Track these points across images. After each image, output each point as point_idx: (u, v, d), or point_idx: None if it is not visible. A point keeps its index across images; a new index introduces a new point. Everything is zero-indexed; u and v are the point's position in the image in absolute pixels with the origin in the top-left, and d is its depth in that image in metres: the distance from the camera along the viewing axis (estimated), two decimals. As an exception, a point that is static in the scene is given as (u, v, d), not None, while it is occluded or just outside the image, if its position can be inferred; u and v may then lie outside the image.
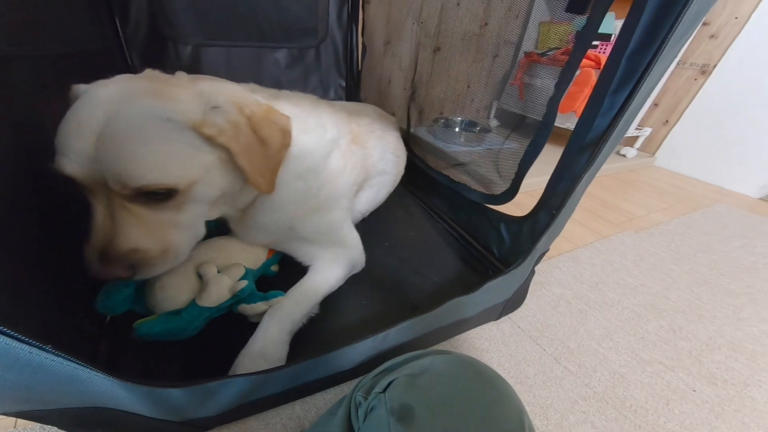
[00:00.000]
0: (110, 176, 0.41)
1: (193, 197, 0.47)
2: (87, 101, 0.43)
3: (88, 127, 0.41)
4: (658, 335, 0.80)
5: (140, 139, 0.41)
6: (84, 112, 0.42)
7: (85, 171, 0.41)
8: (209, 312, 0.57)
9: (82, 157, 0.41)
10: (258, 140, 0.50)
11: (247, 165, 0.48)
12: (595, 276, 0.97)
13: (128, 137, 0.41)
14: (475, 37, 1.19)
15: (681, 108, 1.83)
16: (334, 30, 1.46)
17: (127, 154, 0.41)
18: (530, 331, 0.78)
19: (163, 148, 0.43)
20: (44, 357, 0.27)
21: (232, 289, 0.59)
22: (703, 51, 1.71)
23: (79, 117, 0.42)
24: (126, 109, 0.42)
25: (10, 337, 0.25)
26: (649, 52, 0.41)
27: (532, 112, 0.68)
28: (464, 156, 1.05)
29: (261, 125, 0.50)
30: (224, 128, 0.46)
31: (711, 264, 1.08)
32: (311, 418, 0.56)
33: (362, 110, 0.97)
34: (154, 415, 0.41)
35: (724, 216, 1.41)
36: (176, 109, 0.44)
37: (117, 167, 0.41)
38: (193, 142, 0.45)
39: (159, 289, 0.56)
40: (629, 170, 1.87)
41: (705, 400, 0.66)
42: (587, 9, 0.48)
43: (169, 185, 0.44)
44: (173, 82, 0.48)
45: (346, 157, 0.72)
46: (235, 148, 0.47)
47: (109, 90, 0.43)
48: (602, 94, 0.48)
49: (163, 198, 0.45)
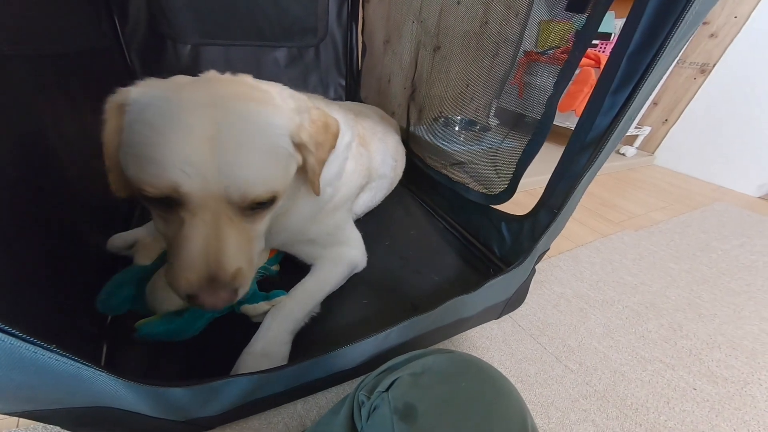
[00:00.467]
0: (233, 187, 0.38)
1: (276, 205, 0.46)
2: (182, 109, 0.38)
3: (201, 136, 0.37)
4: (659, 334, 0.80)
5: (254, 145, 0.40)
6: (189, 121, 0.37)
7: (205, 185, 0.37)
8: (211, 313, 0.57)
9: (202, 169, 0.37)
10: (318, 146, 0.50)
11: (317, 169, 0.49)
12: (595, 275, 0.98)
13: (244, 144, 0.39)
14: (474, 36, 1.18)
15: (680, 107, 1.83)
16: (334, 29, 1.46)
17: (249, 161, 0.39)
18: (531, 329, 0.78)
19: (272, 154, 0.42)
20: (48, 357, 0.27)
21: None
22: (703, 50, 1.71)
23: (185, 127, 0.37)
24: (233, 115, 0.39)
25: (15, 337, 0.25)
26: (650, 51, 0.42)
27: (531, 111, 0.68)
28: (464, 155, 1.05)
29: (320, 130, 0.51)
30: (312, 133, 0.47)
31: (710, 263, 1.08)
32: (313, 417, 0.57)
33: (364, 111, 0.98)
34: (157, 415, 0.41)
35: (723, 215, 1.42)
36: (277, 114, 0.43)
37: (240, 176, 0.38)
38: (289, 147, 0.45)
39: (160, 289, 0.56)
40: (629, 169, 1.88)
41: (705, 399, 0.66)
42: (587, 8, 0.48)
43: (275, 192, 0.43)
44: (252, 83, 0.46)
45: (357, 160, 0.74)
46: (313, 152, 0.48)
47: (200, 95, 0.39)
48: (603, 94, 0.48)
49: (263, 208, 0.43)
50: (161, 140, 0.36)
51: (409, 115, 1.23)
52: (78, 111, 0.64)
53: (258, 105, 0.42)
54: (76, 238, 0.59)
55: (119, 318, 0.59)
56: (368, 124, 0.88)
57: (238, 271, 0.41)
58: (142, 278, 0.59)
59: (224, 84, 0.43)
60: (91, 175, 0.67)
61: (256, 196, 0.40)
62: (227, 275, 0.39)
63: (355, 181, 0.75)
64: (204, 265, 0.38)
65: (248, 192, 0.40)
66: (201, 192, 0.38)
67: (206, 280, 0.38)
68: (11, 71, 0.48)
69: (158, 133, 0.37)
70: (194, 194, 0.37)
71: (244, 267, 0.42)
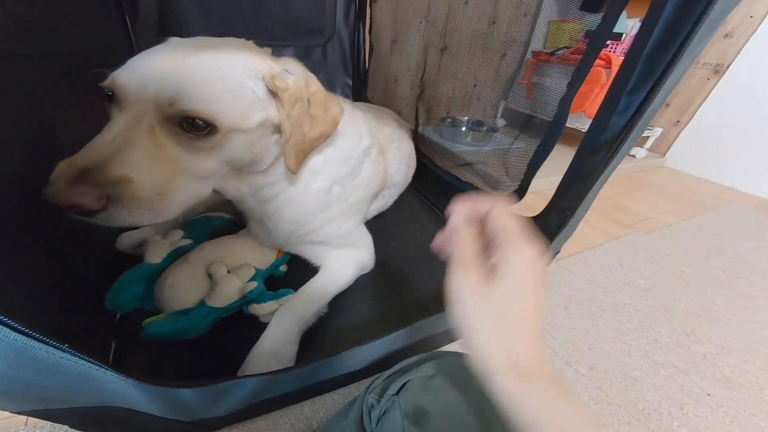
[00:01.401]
0: (165, 89, 0.38)
1: (224, 147, 0.43)
2: (177, 43, 0.44)
3: (171, 56, 0.40)
4: (671, 338, 0.79)
5: (211, 68, 0.41)
6: (173, 48, 0.42)
7: (140, 81, 0.38)
8: (217, 312, 0.57)
9: (148, 72, 0.38)
10: (308, 117, 0.50)
11: (288, 131, 0.48)
12: (606, 277, 0.96)
13: (201, 65, 0.40)
14: (482, 36, 1.17)
15: (693, 108, 1.80)
16: (341, 28, 1.46)
17: (196, 76, 0.39)
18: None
19: (229, 83, 0.42)
20: (60, 357, 0.27)
21: (242, 290, 0.59)
22: (717, 50, 1.68)
23: (165, 49, 0.42)
24: (210, 47, 0.42)
25: (29, 336, 0.25)
26: (669, 51, 0.40)
27: (540, 112, 0.67)
28: (471, 156, 1.05)
29: (317, 104, 0.51)
30: (290, 90, 0.47)
31: (724, 266, 1.06)
32: (320, 418, 0.56)
33: (383, 117, 0.97)
34: (165, 415, 0.41)
35: (736, 217, 1.39)
36: (255, 58, 0.45)
37: (178, 82, 0.38)
38: (257, 91, 0.44)
39: (169, 287, 0.56)
40: (639, 171, 1.85)
41: (720, 404, 0.65)
42: (602, 7, 0.47)
43: (214, 119, 0.40)
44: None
45: (375, 167, 0.74)
46: (288, 110, 0.47)
47: (204, 38, 0.46)
48: (618, 94, 0.47)
49: (196, 134, 0.40)
50: (145, 52, 0.41)
51: (417, 116, 1.22)
52: (88, 108, 0.64)
53: (239, 48, 0.45)
54: (85, 236, 0.59)
55: (127, 316, 0.59)
56: (388, 131, 0.89)
57: (124, 181, 0.34)
58: (150, 276, 0.59)
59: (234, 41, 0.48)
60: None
61: (186, 109, 0.38)
62: (103, 175, 0.33)
63: (371, 188, 0.76)
64: (87, 156, 0.34)
65: (178, 99, 0.38)
66: (134, 87, 0.38)
67: (76, 170, 0.33)
68: (23, 69, 0.48)
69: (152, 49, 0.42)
70: (128, 88, 0.38)
71: (146, 186, 0.36)
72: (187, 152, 0.41)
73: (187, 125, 0.39)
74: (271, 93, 0.46)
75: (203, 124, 0.40)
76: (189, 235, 0.67)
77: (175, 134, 0.39)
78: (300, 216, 0.63)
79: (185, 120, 0.39)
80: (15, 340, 0.25)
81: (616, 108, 0.48)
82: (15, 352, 0.25)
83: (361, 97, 1.53)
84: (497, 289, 0.25)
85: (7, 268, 0.38)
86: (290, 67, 0.49)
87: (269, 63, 0.47)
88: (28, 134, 0.47)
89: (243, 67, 0.44)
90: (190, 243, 0.65)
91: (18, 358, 0.26)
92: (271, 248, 0.71)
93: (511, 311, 0.25)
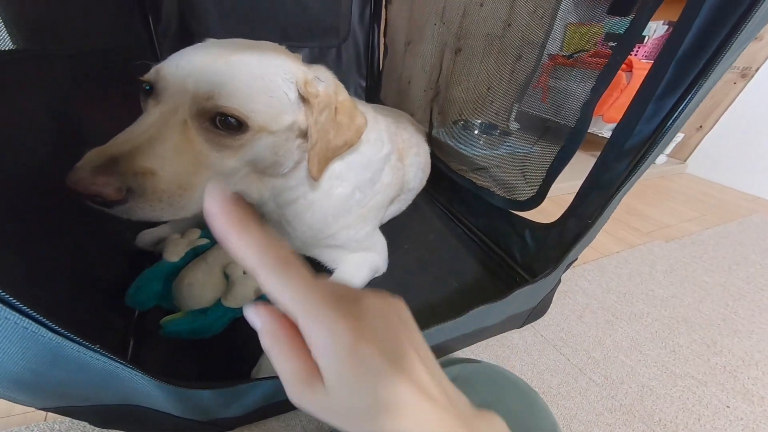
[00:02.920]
0: (204, 85, 0.39)
1: (251, 146, 0.44)
2: (218, 42, 0.46)
3: (213, 53, 0.41)
4: (690, 349, 0.76)
5: (248, 67, 0.42)
6: (215, 45, 0.44)
7: (181, 74, 0.39)
8: (233, 312, 0.58)
9: (188, 67, 0.40)
10: (334, 125, 0.51)
11: (314, 137, 0.49)
12: (623, 286, 0.94)
13: (239, 63, 0.41)
14: (497, 38, 1.16)
15: (717, 113, 1.74)
16: (356, 29, 1.46)
17: (233, 74, 0.40)
18: (554, 340, 0.75)
19: (264, 82, 0.43)
20: (90, 356, 0.28)
21: (257, 291, 0.59)
22: (746, 53, 1.62)
23: (207, 47, 0.43)
24: (248, 47, 0.44)
25: (63, 336, 0.25)
26: (702, 57, 0.39)
27: (557, 116, 0.66)
28: (485, 160, 1.03)
29: (344, 113, 0.52)
30: (320, 96, 0.48)
31: (748, 277, 1.03)
32: (332, 420, 0.56)
33: (401, 121, 0.96)
34: (183, 415, 0.41)
35: (761, 227, 1.34)
36: (289, 61, 0.47)
37: (216, 80, 0.39)
38: (289, 95, 0.46)
39: (187, 286, 0.57)
40: (659, 176, 1.80)
41: (740, 417, 0.63)
42: (632, 10, 0.46)
43: (247, 118, 0.40)
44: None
45: (394, 173, 0.75)
46: (317, 117, 0.48)
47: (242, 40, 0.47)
48: (646, 100, 0.46)
49: (227, 130, 0.41)
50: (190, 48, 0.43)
51: (431, 119, 1.22)
52: (112, 105, 0.66)
53: (277, 51, 0.47)
54: (106, 234, 0.60)
55: (145, 314, 0.60)
56: (406, 136, 0.88)
57: (147, 173, 0.34)
58: (168, 275, 0.60)
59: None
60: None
61: (222, 105, 0.39)
62: (128, 166, 0.33)
63: (390, 194, 0.76)
64: (115, 146, 0.34)
65: (216, 94, 0.39)
66: (175, 79, 0.39)
67: (103, 159, 0.33)
68: (55, 69, 0.50)
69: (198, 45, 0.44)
70: (169, 79, 0.39)
71: (164, 177, 0.35)
72: (214, 149, 0.41)
73: (219, 122, 0.40)
74: (302, 98, 0.47)
75: (235, 122, 0.40)
76: (207, 234, 0.67)
77: (205, 129, 0.40)
78: (320, 220, 0.63)
79: (219, 116, 0.40)
80: (49, 339, 0.25)
81: (643, 114, 0.47)
82: (48, 352, 0.26)
83: (374, 99, 1.53)
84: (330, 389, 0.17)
85: (35, 267, 0.38)
86: (321, 75, 0.50)
87: (303, 68, 0.48)
88: (58, 131, 0.48)
89: (279, 70, 0.45)
90: (208, 243, 0.66)
91: (51, 357, 0.26)
92: None
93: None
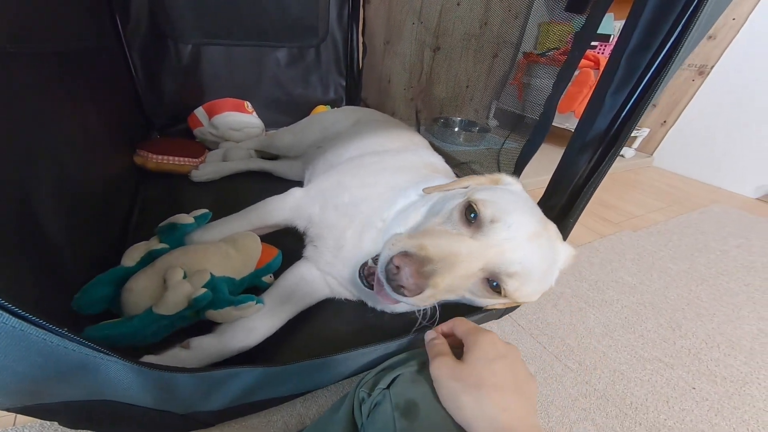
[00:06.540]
0: (513, 268, 0.44)
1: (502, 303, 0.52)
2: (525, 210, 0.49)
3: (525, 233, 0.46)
4: (657, 333, 0.80)
5: (543, 255, 0.47)
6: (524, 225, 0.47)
7: (509, 261, 0.45)
8: (168, 320, 0.53)
9: (523, 267, 0.45)
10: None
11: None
12: (594, 274, 0.98)
13: (539, 253, 0.46)
14: (474, 37, 1.19)
15: (679, 108, 1.84)
16: (335, 29, 1.46)
17: (532, 262, 0.46)
18: (530, 329, 0.78)
19: (545, 284, 0.49)
20: (57, 343, 0.27)
21: (189, 297, 0.53)
22: (701, 52, 1.72)
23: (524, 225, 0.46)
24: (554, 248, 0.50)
25: (26, 320, 0.24)
26: (649, 51, 0.42)
27: (530, 112, 0.68)
28: (465, 155, 1.06)
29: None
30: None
31: (709, 263, 1.09)
32: (312, 415, 0.57)
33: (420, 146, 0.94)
34: (160, 407, 0.41)
35: (721, 216, 1.42)
36: (562, 253, 0.51)
37: (518, 264, 0.44)
38: (554, 274, 0.51)
39: (125, 291, 0.53)
40: (627, 170, 1.88)
41: (705, 398, 0.67)
42: (586, 9, 0.49)
43: (515, 295, 0.46)
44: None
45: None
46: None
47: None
48: (603, 94, 0.48)
49: (493, 293, 0.46)
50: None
51: (417, 117, 1.23)
52: (79, 109, 0.64)
53: (557, 244, 0.51)
54: (76, 234, 0.58)
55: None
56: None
57: (434, 283, 0.42)
58: (123, 279, 0.55)
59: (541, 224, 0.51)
60: (92, 174, 0.67)
61: (504, 281, 0.44)
62: (427, 272, 0.41)
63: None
64: (428, 250, 0.42)
65: (505, 274, 0.44)
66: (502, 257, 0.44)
67: (419, 254, 0.42)
68: (13, 69, 0.48)
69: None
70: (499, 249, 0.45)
71: (438, 290, 0.43)
72: (475, 291, 0.47)
73: (495, 286, 0.46)
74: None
75: (508, 291, 0.45)
76: (167, 239, 0.63)
77: (486, 287, 0.46)
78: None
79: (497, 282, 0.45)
80: (13, 326, 0.24)
81: (602, 108, 0.50)
82: (11, 341, 0.25)
83: (355, 98, 1.54)
84: (468, 363, 0.34)
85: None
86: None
87: (570, 257, 0.52)
88: (19, 134, 0.46)
89: (558, 260, 0.50)
90: (165, 248, 0.62)
91: (13, 344, 0.25)
92: (249, 256, 0.66)
93: (484, 380, 0.32)
